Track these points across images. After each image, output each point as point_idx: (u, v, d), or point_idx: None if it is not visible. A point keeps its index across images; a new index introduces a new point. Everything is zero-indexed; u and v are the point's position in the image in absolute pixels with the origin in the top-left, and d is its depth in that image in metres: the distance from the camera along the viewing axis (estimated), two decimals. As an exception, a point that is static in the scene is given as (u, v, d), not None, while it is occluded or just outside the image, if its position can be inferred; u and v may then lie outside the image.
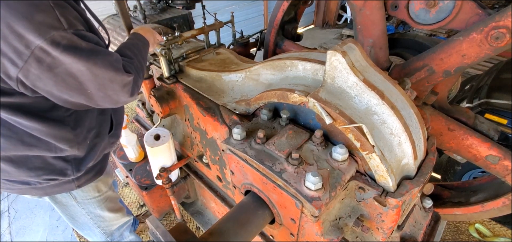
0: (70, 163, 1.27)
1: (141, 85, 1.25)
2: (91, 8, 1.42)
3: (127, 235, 1.85)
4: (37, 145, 1.16)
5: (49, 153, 1.19)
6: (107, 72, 1.03)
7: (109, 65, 1.03)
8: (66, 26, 0.92)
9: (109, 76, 1.04)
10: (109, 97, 1.11)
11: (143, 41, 1.43)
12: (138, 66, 1.23)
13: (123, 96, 1.15)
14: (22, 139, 1.12)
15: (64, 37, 0.91)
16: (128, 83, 1.12)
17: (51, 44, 0.89)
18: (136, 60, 1.25)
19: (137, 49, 1.34)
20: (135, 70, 1.18)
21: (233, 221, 1.10)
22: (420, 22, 1.38)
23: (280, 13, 2.00)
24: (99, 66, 1.00)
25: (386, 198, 0.97)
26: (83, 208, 1.50)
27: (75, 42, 0.94)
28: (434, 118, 1.50)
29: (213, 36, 1.99)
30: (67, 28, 0.92)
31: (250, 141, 1.14)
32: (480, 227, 2.60)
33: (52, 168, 1.24)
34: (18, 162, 1.18)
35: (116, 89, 1.09)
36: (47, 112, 1.12)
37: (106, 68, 1.02)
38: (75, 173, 1.30)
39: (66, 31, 0.92)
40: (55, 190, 1.34)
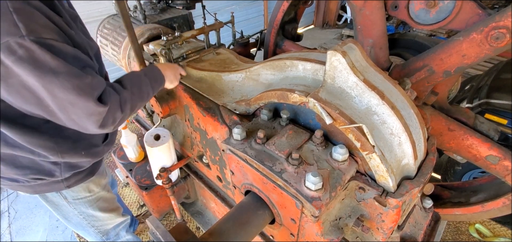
0: (58, 166, 1.25)
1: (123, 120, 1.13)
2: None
3: (123, 234, 1.84)
4: (20, 147, 1.12)
5: (33, 155, 1.16)
6: (66, 94, 0.91)
7: (70, 87, 0.91)
8: (24, 32, 0.82)
9: (69, 99, 0.93)
10: (74, 121, 1.01)
11: (152, 75, 1.33)
12: (125, 99, 1.11)
13: (90, 126, 1.03)
14: (6, 139, 1.09)
15: (21, 45, 0.82)
16: (96, 112, 1.00)
17: (5, 52, 0.80)
18: (128, 93, 1.14)
19: (138, 82, 1.23)
20: (118, 103, 1.07)
21: (233, 221, 1.10)
22: (420, 22, 1.38)
23: (280, 13, 2.00)
24: (56, 85, 0.89)
25: (386, 198, 0.97)
26: (75, 208, 1.48)
27: (33, 53, 0.83)
28: (434, 118, 1.50)
29: (213, 36, 1.99)
30: (25, 34, 0.82)
31: (250, 141, 1.13)
32: (480, 227, 2.60)
33: (40, 168, 1.22)
34: (6, 160, 1.16)
35: (80, 115, 0.99)
36: (19, 118, 1.04)
37: (65, 89, 0.90)
38: (64, 174, 1.28)
39: (23, 38, 0.81)
40: (44, 189, 1.32)
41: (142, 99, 1.25)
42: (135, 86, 1.20)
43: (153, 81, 1.33)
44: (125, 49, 2.22)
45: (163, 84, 1.40)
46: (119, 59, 2.36)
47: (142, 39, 2.10)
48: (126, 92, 1.14)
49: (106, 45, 2.44)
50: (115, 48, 2.33)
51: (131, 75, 1.24)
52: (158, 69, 1.38)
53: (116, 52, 2.35)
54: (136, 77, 1.25)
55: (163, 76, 1.39)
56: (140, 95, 1.22)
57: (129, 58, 2.18)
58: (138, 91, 1.21)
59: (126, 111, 1.13)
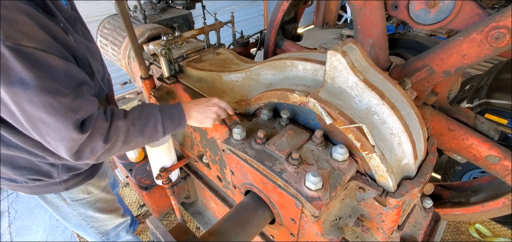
0: (56, 167, 1.24)
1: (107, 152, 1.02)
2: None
3: (123, 235, 1.84)
4: (18, 147, 1.09)
5: (30, 156, 1.14)
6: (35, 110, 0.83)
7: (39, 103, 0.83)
8: (0, 36, 0.75)
9: (39, 116, 0.85)
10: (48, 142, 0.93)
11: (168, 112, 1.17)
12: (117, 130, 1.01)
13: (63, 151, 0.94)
14: (3, 140, 1.07)
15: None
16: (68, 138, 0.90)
17: None
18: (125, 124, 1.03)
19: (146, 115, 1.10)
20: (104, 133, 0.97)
21: (233, 221, 1.10)
22: (420, 22, 1.38)
23: (280, 13, 2.00)
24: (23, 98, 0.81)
25: (386, 198, 0.97)
26: (74, 209, 1.48)
27: (5, 60, 0.77)
28: (434, 118, 1.50)
29: (213, 36, 1.99)
30: (1, 38, 0.75)
31: (250, 141, 1.13)
32: (480, 227, 2.60)
33: (37, 169, 1.21)
34: (4, 160, 1.15)
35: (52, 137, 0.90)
36: None
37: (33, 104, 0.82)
38: (62, 176, 1.27)
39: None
40: (43, 190, 1.32)
41: (144, 135, 1.11)
42: (140, 119, 1.09)
43: (167, 118, 1.17)
44: (125, 49, 2.22)
45: (181, 126, 1.22)
46: (119, 59, 2.36)
47: (142, 39, 2.10)
48: (122, 122, 1.03)
49: (106, 45, 2.44)
50: (115, 48, 2.34)
51: (144, 106, 1.13)
52: (180, 108, 1.22)
53: (116, 52, 2.35)
54: (148, 110, 1.13)
55: (184, 116, 1.21)
56: (142, 131, 1.10)
57: (129, 58, 2.18)
58: (142, 125, 1.09)
59: (115, 143, 1.02)
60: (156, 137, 1.16)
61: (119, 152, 1.10)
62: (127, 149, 1.11)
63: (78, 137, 0.92)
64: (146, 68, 1.64)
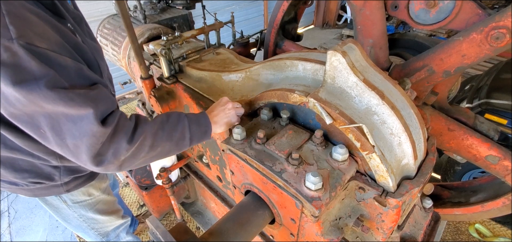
0: (58, 169, 1.24)
1: (133, 158, 0.95)
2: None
3: (123, 236, 1.84)
4: (20, 150, 1.08)
5: (32, 158, 1.14)
6: (54, 105, 0.80)
7: (57, 97, 0.79)
8: (14, 35, 0.74)
9: (61, 110, 0.81)
10: (66, 146, 0.87)
11: (196, 119, 1.14)
12: (143, 132, 0.95)
13: (84, 151, 0.87)
14: (5, 142, 1.06)
15: (8, 48, 0.74)
16: (90, 133, 0.84)
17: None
18: (152, 128, 0.98)
19: (174, 121, 1.05)
20: (128, 132, 0.91)
21: (233, 221, 1.10)
22: (420, 22, 1.38)
23: (280, 13, 2.00)
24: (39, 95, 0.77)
25: (386, 198, 0.97)
26: (74, 211, 1.47)
27: (19, 58, 0.75)
28: (434, 118, 1.50)
29: (213, 36, 1.99)
30: (15, 37, 0.74)
31: (250, 141, 1.14)
32: (480, 227, 2.60)
33: (39, 172, 1.20)
34: (5, 163, 1.14)
35: (74, 134, 0.84)
36: None
37: (50, 100, 0.79)
38: (63, 178, 1.27)
39: (12, 41, 0.74)
40: (43, 192, 1.31)
41: (172, 140, 1.05)
42: (168, 122, 1.04)
43: (195, 124, 1.12)
44: (125, 49, 2.22)
45: (206, 135, 1.18)
46: (119, 59, 2.36)
47: (142, 39, 2.10)
48: (149, 125, 0.97)
49: (106, 45, 2.44)
50: (115, 48, 2.34)
51: (170, 113, 1.09)
52: (206, 116, 1.18)
53: (116, 52, 2.35)
54: (175, 115, 1.09)
55: (210, 124, 1.18)
56: (170, 135, 1.04)
57: (129, 58, 2.19)
58: (170, 129, 1.03)
59: (141, 146, 0.95)
60: (183, 145, 1.10)
61: (145, 158, 1.01)
62: (153, 156, 1.03)
63: (100, 130, 0.86)
64: (146, 68, 1.64)
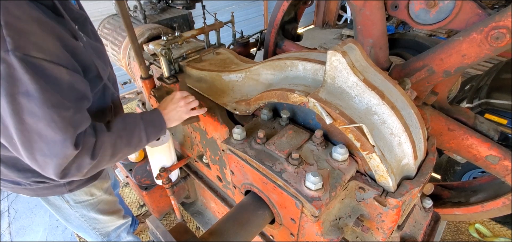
0: None
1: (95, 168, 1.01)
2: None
3: (124, 236, 1.84)
4: None
5: None
6: (35, 122, 0.82)
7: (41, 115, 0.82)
8: (10, 47, 0.75)
9: (38, 129, 0.84)
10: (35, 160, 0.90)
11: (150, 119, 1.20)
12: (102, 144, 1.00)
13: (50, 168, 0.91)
14: None
15: (4, 60, 0.76)
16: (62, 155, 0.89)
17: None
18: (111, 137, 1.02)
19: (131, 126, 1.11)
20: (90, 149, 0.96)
21: (233, 221, 1.10)
22: (420, 22, 1.38)
23: (280, 13, 2.00)
24: (26, 109, 0.80)
25: (386, 198, 0.97)
26: (76, 211, 1.48)
27: (13, 70, 0.77)
28: (434, 118, 1.50)
29: (213, 36, 1.99)
30: (10, 49, 0.75)
31: (250, 141, 1.14)
32: (480, 227, 2.60)
33: None
34: (7, 163, 1.14)
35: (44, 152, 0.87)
36: None
37: (34, 116, 0.82)
38: None
39: (7, 53, 0.75)
40: (46, 192, 1.32)
41: (130, 146, 1.12)
42: (125, 130, 1.09)
43: (150, 126, 1.20)
44: (125, 49, 2.22)
45: (162, 132, 1.27)
46: (119, 59, 2.36)
47: (142, 39, 2.10)
48: (108, 135, 1.02)
49: (106, 45, 2.44)
50: (115, 48, 2.34)
51: (126, 117, 1.15)
52: (160, 115, 1.26)
53: (116, 52, 2.35)
54: (132, 120, 1.15)
55: (164, 122, 1.26)
56: (129, 141, 1.11)
57: (129, 58, 2.19)
58: (128, 136, 1.09)
59: (102, 158, 1.01)
60: (141, 146, 1.18)
61: (107, 164, 1.08)
62: (114, 161, 1.09)
63: (71, 153, 0.90)
64: (146, 68, 1.64)
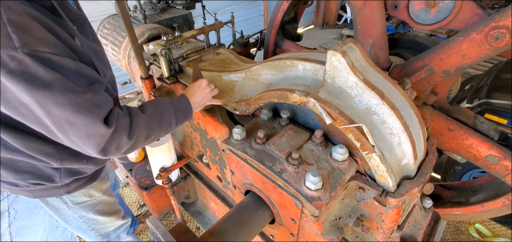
0: (58, 171, 1.23)
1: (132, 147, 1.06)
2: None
3: (124, 236, 1.84)
4: (20, 152, 1.09)
5: (33, 160, 1.14)
6: (62, 111, 0.85)
7: (66, 103, 0.85)
8: (17, 44, 0.77)
9: (66, 117, 0.87)
10: (74, 142, 0.94)
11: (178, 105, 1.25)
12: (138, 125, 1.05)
13: (91, 148, 0.95)
14: (5, 144, 1.06)
15: (13, 57, 0.77)
16: (96, 134, 0.92)
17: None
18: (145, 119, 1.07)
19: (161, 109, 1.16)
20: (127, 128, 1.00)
21: (233, 221, 1.10)
22: (420, 22, 1.38)
23: (280, 13, 2.00)
24: (51, 100, 0.83)
25: (386, 198, 0.97)
26: (75, 212, 1.47)
27: (26, 66, 0.79)
28: (434, 118, 1.50)
29: (213, 36, 1.99)
30: (18, 46, 0.77)
31: (250, 141, 1.14)
32: (480, 227, 2.60)
33: (40, 173, 1.20)
34: (6, 165, 1.14)
35: (79, 136, 0.91)
36: (20, 124, 0.97)
37: (60, 106, 0.84)
38: (64, 180, 1.27)
39: (16, 50, 0.77)
40: (44, 193, 1.31)
41: (161, 128, 1.17)
42: (156, 112, 1.14)
43: (179, 111, 1.25)
44: (125, 49, 2.22)
45: (189, 117, 1.31)
46: (119, 59, 2.36)
47: (142, 39, 2.10)
48: (142, 117, 1.07)
49: (106, 45, 2.44)
50: (115, 48, 2.34)
51: (156, 101, 1.20)
52: (187, 100, 1.30)
53: (116, 52, 2.35)
54: (161, 103, 1.20)
55: (191, 108, 1.31)
56: (160, 123, 1.16)
57: (129, 58, 2.19)
58: (159, 118, 1.14)
59: (138, 138, 1.05)
60: (170, 129, 1.23)
61: (142, 144, 1.13)
62: (148, 142, 1.15)
63: (105, 132, 0.94)
64: (146, 68, 1.64)
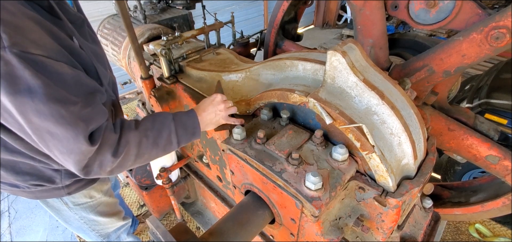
0: (59, 172, 1.23)
1: (118, 168, 0.96)
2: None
3: (124, 237, 1.84)
4: (20, 153, 1.07)
5: (34, 162, 1.13)
6: (42, 120, 0.79)
7: (47, 113, 0.79)
8: (6, 44, 0.72)
9: (46, 127, 0.81)
10: (55, 156, 0.88)
11: (182, 122, 1.11)
12: (127, 143, 0.95)
13: (71, 164, 0.89)
14: (6, 145, 1.04)
15: (0, 57, 0.72)
16: (77, 150, 0.86)
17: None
18: (137, 136, 0.97)
19: (159, 125, 1.04)
20: (113, 146, 0.92)
21: (233, 221, 1.10)
22: (420, 22, 1.38)
23: (280, 13, 2.00)
24: (30, 108, 0.77)
25: (386, 198, 0.97)
26: (75, 213, 1.47)
27: (11, 67, 0.73)
28: (434, 118, 1.50)
29: (213, 36, 1.99)
30: (7, 46, 0.72)
31: (250, 141, 1.14)
32: (480, 227, 2.60)
33: (40, 175, 1.20)
34: (6, 166, 1.13)
35: (60, 149, 0.85)
36: None
37: (40, 115, 0.78)
38: (64, 181, 1.27)
39: (4, 50, 0.72)
40: (45, 195, 1.31)
41: (157, 147, 1.04)
42: (152, 129, 1.02)
43: (182, 128, 1.10)
44: (125, 49, 2.22)
45: (195, 136, 1.15)
46: (119, 59, 2.36)
47: (142, 39, 2.10)
48: (134, 133, 0.97)
49: (106, 45, 2.44)
50: (115, 48, 2.34)
51: (157, 115, 1.08)
52: (195, 117, 1.15)
53: (116, 52, 2.35)
54: (161, 119, 1.07)
55: (198, 126, 1.15)
56: (156, 142, 1.03)
57: (129, 58, 2.19)
58: (155, 135, 1.02)
59: (126, 157, 0.96)
60: (170, 149, 1.09)
61: (133, 164, 1.03)
62: (141, 162, 1.04)
63: (87, 149, 0.87)
64: (146, 68, 1.64)
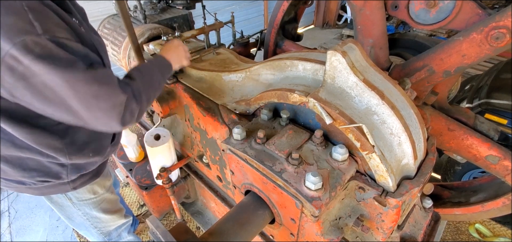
0: (65, 168, 1.25)
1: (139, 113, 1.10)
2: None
3: (125, 235, 1.85)
4: (29, 148, 1.11)
5: (41, 157, 1.15)
6: (88, 87, 0.91)
7: (91, 79, 0.91)
8: (40, 31, 0.81)
9: (92, 92, 0.92)
10: (98, 119, 0.99)
11: (159, 63, 1.34)
12: (138, 89, 1.09)
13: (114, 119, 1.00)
14: (13, 142, 1.08)
15: (38, 43, 0.81)
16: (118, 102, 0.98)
17: (21, 50, 0.79)
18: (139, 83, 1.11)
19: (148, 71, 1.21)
20: (132, 92, 1.05)
21: (233, 221, 1.10)
22: (420, 22, 1.38)
23: (280, 13, 2.00)
24: (77, 78, 0.88)
25: (386, 198, 0.97)
26: (79, 209, 1.49)
27: (50, 50, 0.83)
28: (434, 118, 1.50)
29: (213, 36, 1.99)
30: (41, 33, 0.81)
31: (250, 141, 1.14)
32: (480, 227, 2.60)
33: (47, 171, 1.22)
34: (13, 163, 1.15)
35: (103, 109, 0.97)
36: (33, 118, 1.03)
37: (87, 82, 0.90)
38: (70, 176, 1.29)
39: (39, 37, 0.81)
40: (50, 190, 1.33)
41: (155, 88, 1.23)
42: (145, 75, 1.17)
43: (162, 66, 1.32)
44: (125, 49, 2.22)
45: (172, 70, 1.41)
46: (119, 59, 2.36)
47: (142, 39, 2.10)
48: (135, 82, 1.10)
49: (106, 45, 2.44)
50: (115, 48, 2.34)
51: (139, 67, 1.23)
52: (163, 57, 1.38)
53: (116, 52, 2.35)
54: (145, 67, 1.24)
55: (169, 62, 1.39)
56: (152, 84, 1.21)
57: (129, 58, 2.18)
58: (150, 80, 1.18)
59: (142, 102, 1.10)
60: (161, 86, 1.31)
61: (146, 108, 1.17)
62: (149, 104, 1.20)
63: (123, 98, 1.00)
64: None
